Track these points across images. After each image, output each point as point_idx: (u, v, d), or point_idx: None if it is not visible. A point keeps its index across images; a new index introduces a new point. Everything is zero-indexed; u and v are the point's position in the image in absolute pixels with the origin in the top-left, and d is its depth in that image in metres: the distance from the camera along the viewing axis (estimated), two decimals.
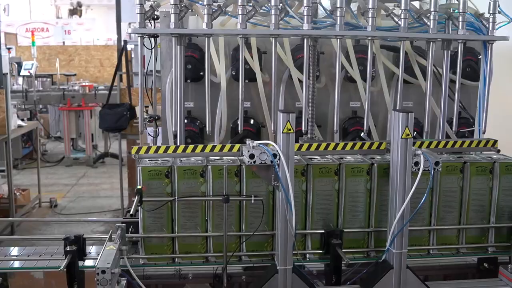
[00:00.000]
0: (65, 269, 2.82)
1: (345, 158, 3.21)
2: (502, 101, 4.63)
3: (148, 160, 3.15)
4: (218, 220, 3.09)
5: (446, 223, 3.25)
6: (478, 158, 3.31)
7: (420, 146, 3.08)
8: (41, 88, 12.93)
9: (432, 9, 3.29)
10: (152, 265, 3.15)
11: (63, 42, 21.08)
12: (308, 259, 3.16)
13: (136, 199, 3.23)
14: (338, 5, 3.18)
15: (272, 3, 3.15)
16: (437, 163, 2.89)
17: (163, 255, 3.12)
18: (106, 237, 2.95)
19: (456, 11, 3.39)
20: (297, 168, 3.01)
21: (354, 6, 3.54)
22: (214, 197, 3.03)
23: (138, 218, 3.28)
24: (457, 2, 3.37)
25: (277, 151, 2.76)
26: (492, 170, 3.23)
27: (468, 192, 3.22)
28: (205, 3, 3.15)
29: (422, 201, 2.93)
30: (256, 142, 2.82)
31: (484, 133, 3.58)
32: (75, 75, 16.04)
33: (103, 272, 2.53)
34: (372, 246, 3.20)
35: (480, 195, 3.25)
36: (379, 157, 3.24)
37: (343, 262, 2.98)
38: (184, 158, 3.22)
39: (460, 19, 3.35)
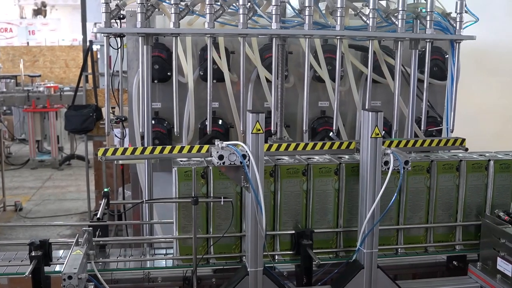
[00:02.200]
0: (30, 275, 2.75)
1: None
2: (469, 100, 4.69)
3: (181, 161, 3.09)
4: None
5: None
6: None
7: (389, 146, 3.07)
8: (5, 90, 12.73)
9: (400, 9, 3.30)
10: (122, 269, 3.10)
11: (27, 43, 20.79)
12: (279, 260, 3.13)
13: (103, 202, 3.18)
14: (307, 4, 3.16)
15: (240, 2, 3.12)
16: (406, 162, 2.89)
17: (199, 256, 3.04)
18: (73, 242, 2.88)
19: (424, 10, 3.41)
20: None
21: (322, 6, 3.53)
22: (181, 199, 2.98)
23: (105, 221, 3.22)
24: (424, 1, 3.38)
25: (246, 151, 2.73)
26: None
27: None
28: (172, 2, 3.11)
29: (392, 200, 2.93)
30: (225, 143, 2.79)
31: (452, 131, 3.61)
32: (39, 76, 15.84)
33: (70, 277, 2.47)
34: (341, 247, 3.18)
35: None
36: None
37: (314, 262, 2.97)
38: None
39: (428, 18, 3.37)
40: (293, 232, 3.07)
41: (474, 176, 3.25)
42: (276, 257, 3.11)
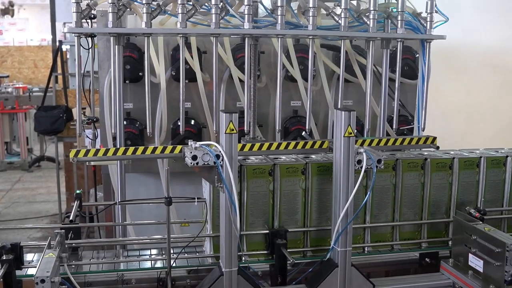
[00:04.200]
0: (1, 279, 2.71)
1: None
2: (438, 99, 4.74)
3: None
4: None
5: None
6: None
7: (362, 144, 3.09)
8: None
9: (371, 8, 3.32)
10: (96, 271, 3.08)
11: None
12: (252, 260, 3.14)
13: (75, 204, 3.14)
14: (279, 4, 3.17)
15: (213, 2, 3.11)
16: (379, 161, 2.92)
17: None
18: (45, 244, 2.84)
19: (395, 10, 3.44)
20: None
21: (294, 5, 3.54)
22: (155, 200, 2.97)
23: (78, 224, 3.19)
24: (395, 1, 3.41)
25: (220, 152, 2.72)
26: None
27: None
28: (143, 2, 3.09)
29: (366, 198, 2.95)
30: (198, 143, 2.77)
31: (423, 130, 3.65)
32: (8, 76, 15.60)
33: (43, 281, 2.43)
34: (308, 246, 3.21)
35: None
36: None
37: (288, 262, 2.97)
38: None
39: (399, 18, 3.40)
40: (267, 231, 3.08)
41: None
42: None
